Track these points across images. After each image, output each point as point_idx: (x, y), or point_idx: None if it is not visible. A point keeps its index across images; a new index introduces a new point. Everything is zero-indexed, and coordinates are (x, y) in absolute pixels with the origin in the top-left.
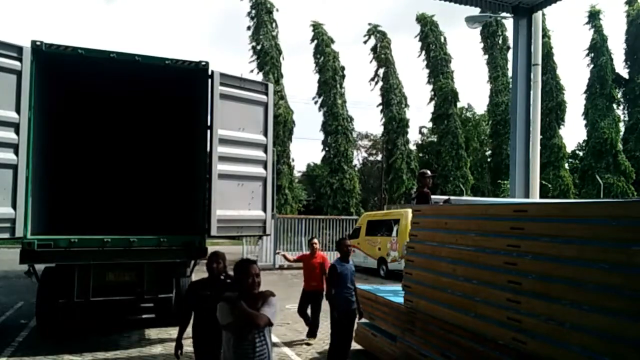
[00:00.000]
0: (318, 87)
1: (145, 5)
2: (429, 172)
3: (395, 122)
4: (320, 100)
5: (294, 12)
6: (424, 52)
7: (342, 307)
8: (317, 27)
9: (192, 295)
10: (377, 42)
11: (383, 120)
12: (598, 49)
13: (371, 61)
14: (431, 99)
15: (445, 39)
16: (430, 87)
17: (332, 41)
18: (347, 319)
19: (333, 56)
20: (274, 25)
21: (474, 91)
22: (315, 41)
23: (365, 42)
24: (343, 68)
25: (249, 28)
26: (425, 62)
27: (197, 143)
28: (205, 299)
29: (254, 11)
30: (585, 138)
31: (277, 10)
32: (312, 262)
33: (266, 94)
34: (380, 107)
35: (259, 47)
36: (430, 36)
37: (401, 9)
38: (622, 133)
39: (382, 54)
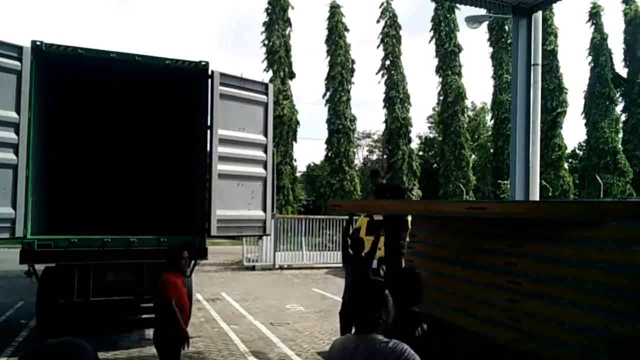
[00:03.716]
0: (326, 81)
1: (158, 8)
2: (379, 171)
3: (398, 122)
4: (327, 96)
5: (314, 15)
6: (434, 40)
7: (347, 292)
8: (334, 9)
9: None
10: (387, 27)
11: (385, 118)
12: (598, 47)
13: (378, 46)
14: (439, 95)
15: (455, 24)
16: (438, 80)
17: (347, 29)
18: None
19: (345, 49)
20: (287, 23)
21: (478, 89)
22: (330, 26)
23: (377, 21)
24: (353, 61)
25: (264, 24)
26: (435, 51)
27: (197, 143)
28: None
29: (270, 7)
30: (585, 138)
31: (293, 8)
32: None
33: (266, 94)
34: (383, 104)
35: (270, 45)
36: (443, 23)
37: (412, 12)
38: (621, 133)
39: (389, 44)
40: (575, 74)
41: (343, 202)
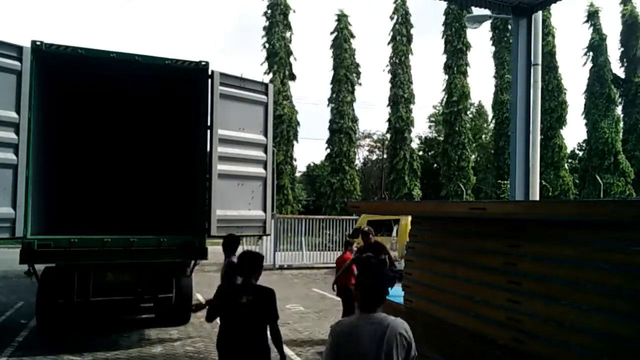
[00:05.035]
0: (331, 84)
1: (161, 7)
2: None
3: (402, 121)
4: (331, 97)
5: (317, 13)
6: (445, 37)
7: None
8: (341, 18)
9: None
10: (398, 24)
11: (389, 118)
12: (597, 48)
13: (389, 43)
14: (444, 93)
15: (464, 26)
16: (444, 77)
17: (353, 36)
18: None
19: (350, 54)
20: (287, 26)
21: (481, 89)
22: (336, 33)
23: (391, 17)
24: (358, 65)
25: (264, 28)
26: (444, 49)
27: (197, 143)
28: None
29: (269, 11)
30: (585, 138)
31: (294, 11)
32: None
33: (266, 94)
34: (387, 103)
35: (270, 47)
36: (455, 20)
37: (417, 12)
38: (621, 133)
39: (399, 42)
40: (576, 75)
41: (361, 204)
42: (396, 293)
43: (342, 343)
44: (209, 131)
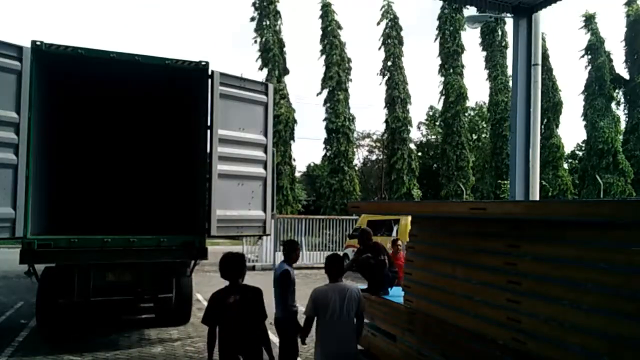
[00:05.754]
0: (323, 81)
1: (162, 7)
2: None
3: (399, 121)
4: (324, 95)
5: (307, 12)
6: (439, 39)
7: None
8: (325, 8)
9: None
10: (388, 28)
11: (386, 118)
12: (595, 50)
13: (380, 47)
14: (441, 95)
15: (460, 25)
16: (440, 79)
17: (340, 27)
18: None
19: (340, 48)
20: (277, 17)
21: (475, 90)
22: (324, 25)
23: (378, 23)
24: (350, 60)
25: (252, 19)
26: (439, 50)
27: (197, 143)
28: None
29: (257, 2)
30: (585, 138)
31: (278, 1)
32: None
33: (266, 94)
34: (384, 104)
35: (263, 42)
36: (448, 22)
37: (415, 14)
38: (621, 133)
39: (391, 45)
40: (572, 75)
41: (361, 204)
42: (396, 293)
43: (318, 301)
44: (209, 131)
